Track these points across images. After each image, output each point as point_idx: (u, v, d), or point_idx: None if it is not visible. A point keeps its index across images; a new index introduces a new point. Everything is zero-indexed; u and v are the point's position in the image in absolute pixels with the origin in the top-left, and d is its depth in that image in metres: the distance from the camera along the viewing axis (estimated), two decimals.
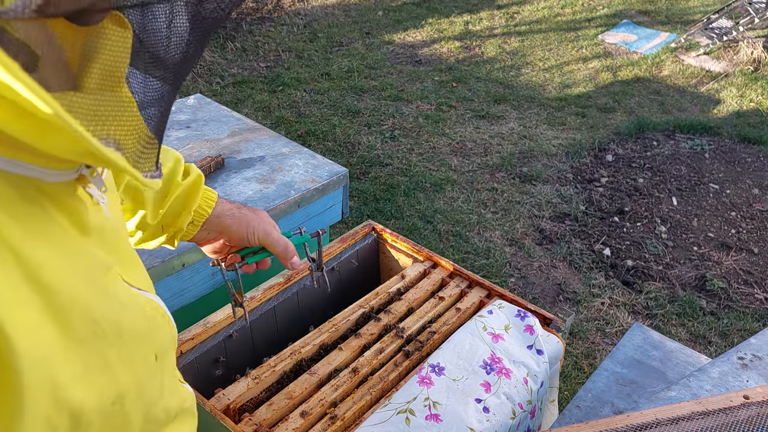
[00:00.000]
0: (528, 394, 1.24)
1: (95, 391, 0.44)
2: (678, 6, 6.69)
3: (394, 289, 1.46)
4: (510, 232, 3.35)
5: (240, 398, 1.16)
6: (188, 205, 0.92)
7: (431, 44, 5.82)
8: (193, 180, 0.92)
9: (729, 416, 1.00)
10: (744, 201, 3.60)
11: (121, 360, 0.48)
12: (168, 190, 0.90)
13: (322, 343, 1.31)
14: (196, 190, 0.93)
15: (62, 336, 0.41)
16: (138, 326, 0.53)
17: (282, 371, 1.24)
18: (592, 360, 2.60)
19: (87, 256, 0.47)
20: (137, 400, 0.51)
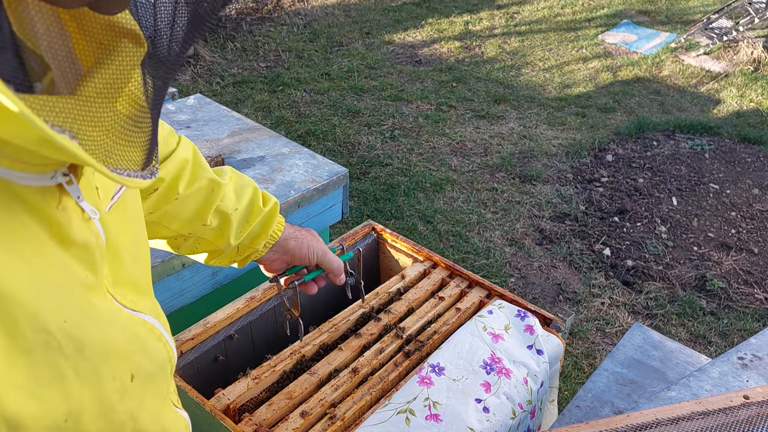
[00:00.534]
0: (528, 394, 1.24)
1: (41, 404, 0.42)
2: (678, 6, 6.69)
3: (394, 289, 1.46)
4: (510, 232, 3.35)
5: (240, 398, 1.16)
6: (266, 229, 1.03)
7: (431, 44, 5.82)
8: (272, 208, 1.03)
9: (729, 416, 1.00)
10: (744, 201, 3.60)
11: (78, 376, 0.46)
12: (250, 216, 1.00)
13: (322, 343, 1.31)
14: (273, 216, 1.03)
15: (5, 342, 0.39)
16: (114, 344, 0.50)
17: (282, 371, 1.23)
18: (592, 360, 2.60)
19: (59, 267, 0.45)
20: (99, 420, 0.49)
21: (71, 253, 0.47)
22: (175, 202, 0.93)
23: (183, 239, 0.98)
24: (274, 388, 1.24)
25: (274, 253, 1.08)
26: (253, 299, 1.37)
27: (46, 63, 0.42)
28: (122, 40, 0.46)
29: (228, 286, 1.68)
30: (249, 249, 1.03)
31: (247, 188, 1.02)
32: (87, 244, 0.48)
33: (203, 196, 0.95)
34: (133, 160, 0.48)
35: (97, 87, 0.44)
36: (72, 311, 0.45)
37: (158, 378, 0.60)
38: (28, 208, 0.43)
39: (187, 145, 0.95)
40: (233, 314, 1.34)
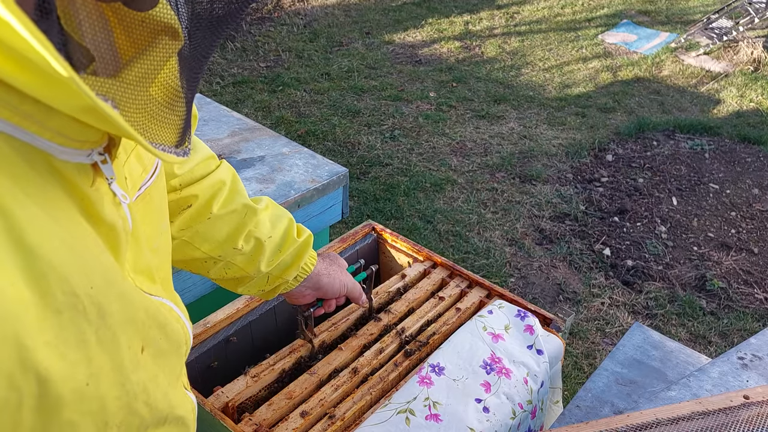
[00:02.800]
0: (528, 394, 1.24)
1: (67, 365, 0.44)
2: (678, 6, 6.69)
3: (394, 289, 1.46)
4: (510, 232, 3.35)
5: (239, 396, 1.16)
6: (297, 261, 1.04)
7: (431, 44, 5.82)
8: (305, 239, 1.04)
9: (729, 416, 1.00)
10: (744, 201, 3.60)
11: (99, 341, 0.47)
12: (284, 246, 1.01)
13: (321, 341, 1.31)
14: (306, 248, 1.04)
15: (37, 300, 0.41)
16: (133, 315, 0.52)
17: (281, 369, 1.23)
18: (592, 360, 2.60)
19: (86, 237, 0.47)
20: (115, 387, 0.50)
21: (99, 230, 0.49)
22: (208, 222, 0.94)
23: (213, 262, 0.98)
24: (273, 387, 1.24)
25: (306, 288, 1.10)
26: (253, 299, 1.37)
27: (90, 55, 0.44)
28: (160, 36, 0.48)
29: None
30: (279, 279, 1.04)
31: (283, 219, 1.03)
32: (114, 225, 0.50)
33: (237, 219, 0.96)
34: (168, 138, 0.50)
35: (135, 75, 0.46)
36: (98, 279, 0.47)
37: (172, 356, 0.61)
38: (64, 182, 0.45)
39: (227, 169, 0.97)
40: (233, 314, 1.34)
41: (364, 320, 1.39)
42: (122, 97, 0.44)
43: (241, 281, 1.03)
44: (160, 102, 0.49)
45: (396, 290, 1.46)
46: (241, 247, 0.97)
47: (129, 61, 0.47)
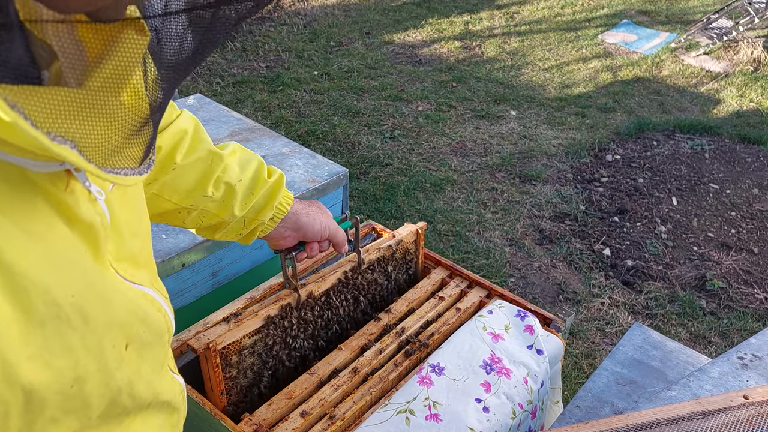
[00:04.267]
0: (528, 394, 1.24)
1: (52, 372, 0.45)
2: (678, 6, 6.69)
3: (385, 246, 1.45)
4: (510, 232, 3.35)
5: (221, 339, 1.13)
6: (271, 200, 1.03)
7: (431, 44, 5.82)
8: (277, 179, 1.04)
9: (729, 416, 1.00)
10: (744, 201, 3.60)
11: (84, 346, 0.49)
12: (255, 187, 1.00)
13: (309, 293, 1.28)
14: (279, 188, 1.03)
15: (19, 315, 0.42)
16: (115, 315, 0.53)
17: (266, 315, 1.21)
18: (592, 360, 2.60)
19: (65, 242, 0.48)
20: (100, 386, 0.52)
21: (78, 230, 0.50)
22: (173, 172, 0.94)
23: (186, 212, 0.98)
24: (258, 341, 1.22)
25: (286, 230, 1.09)
26: (252, 299, 1.37)
27: (53, 50, 0.43)
28: (126, 30, 0.48)
29: (228, 286, 1.68)
30: (255, 221, 1.04)
31: (252, 161, 1.02)
32: (92, 223, 0.51)
33: (203, 166, 0.96)
34: (132, 156, 0.50)
35: (104, 77, 0.45)
36: (78, 285, 0.48)
37: (155, 346, 0.63)
38: (39, 191, 0.46)
39: (188, 118, 0.96)
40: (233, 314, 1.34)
41: (355, 274, 1.37)
42: (86, 114, 0.44)
43: (218, 228, 1.03)
44: (129, 114, 0.49)
45: (387, 247, 1.43)
46: (211, 194, 0.97)
47: (96, 61, 0.46)
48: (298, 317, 1.26)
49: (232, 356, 1.16)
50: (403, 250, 1.47)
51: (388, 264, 1.44)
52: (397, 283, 1.50)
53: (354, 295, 1.38)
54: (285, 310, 1.23)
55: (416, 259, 1.51)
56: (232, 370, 1.17)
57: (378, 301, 1.46)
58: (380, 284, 1.43)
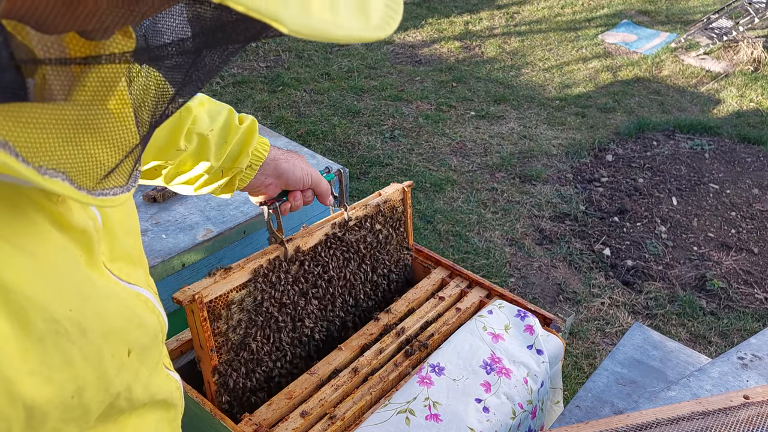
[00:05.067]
0: (528, 394, 1.24)
1: (54, 386, 0.46)
2: (678, 6, 6.69)
3: (373, 204, 1.44)
4: (510, 232, 3.35)
5: (207, 291, 1.10)
6: (246, 147, 1.01)
7: (431, 44, 5.82)
8: (249, 125, 1.02)
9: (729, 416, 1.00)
10: (744, 201, 3.60)
11: (83, 357, 0.49)
12: (228, 135, 0.99)
13: (296, 248, 1.25)
14: (252, 133, 1.02)
15: (17, 332, 0.42)
16: (112, 324, 0.54)
17: (253, 269, 1.17)
18: (592, 360, 2.60)
19: (61, 252, 0.48)
20: (99, 393, 0.53)
21: (71, 236, 0.50)
22: None
23: (162, 168, 0.98)
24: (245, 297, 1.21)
25: (266, 177, 1.08)
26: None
27: (37, 57, 0.42)
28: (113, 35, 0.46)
29: None
30: (233, 170, 1.02)
31: (222, 111, 1.01)
32: (84, 228, 0.51)
33: (171, 121, 0.95)
34: (122, 173, 0.49)
35: (91, 88, 0.44)
36: (75, 300, 0.48)
37: (152, 348, 0.63)
38: (32, 204, 0.46)
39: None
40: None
41: (343, 230, 1.34)
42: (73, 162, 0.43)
43: (193, 181, 1.02)
44: (117, 146, 0.47)
45: (375, 205, 1.41)
46: (184, 147, 0.96)
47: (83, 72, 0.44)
48: (286, 271, 1.22)
49: (221, 310, 1.12)
50: (390, 208, 1.45)
51: (376, 222, 1.41)
52: (388, 241, 1.46)
53: (344, 253, 1.35)
54: (273, 264, 1.20)
55: (405, 218, 1.49)
56: (221, 325, 1.13)
57: (368, 261, 1.43)
58: (369, 243, 1.40)
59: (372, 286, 1.46)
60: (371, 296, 1.46)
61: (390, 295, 1.52)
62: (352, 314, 1.42)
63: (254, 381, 1.23)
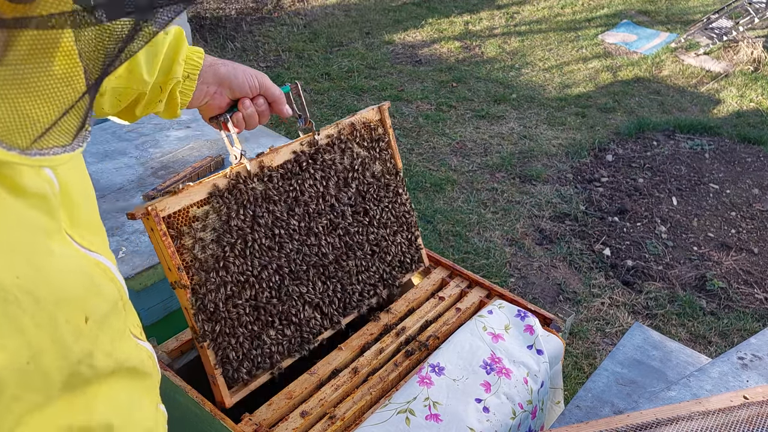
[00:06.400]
0: (528, 394, 1.24)
1: (6, 353, 0.46)
2: (678, 6, 6.69)
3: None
4: (510, 232, 3.35)
5: (162, 205, 1.06)
6: (176, 54, 0.99)
7: (431, 44, 5.82)
8: (175, 31, 1.00)
9: (729, 416, 1.00)
10: (744, 201, 3.60)
11: (36, 324, 0.49)
12: (155, 47, 0.97)
13: (260, 166, 1.21)
14: (180, 40, 1.00)
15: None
16: (67, 291, 0.53)
17: (213, 184, 1.13)
18: (592, 360, 2.60)
19: (17, 219, 0.47)
20: (58, 360, 0.52)
21: (28, 202, 0.49)
22: None
23: (99, 95, 0.95)
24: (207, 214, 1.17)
25: (209, 85, 1.05)
26: None
27: None
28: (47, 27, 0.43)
29: None
30: (169, 82, 0.99)
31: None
32: (42, 193, 0.50)
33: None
34: (65, 131, 0.47)
35: (23, 49, 0.42)
36: (24, 267, 0.48)
37: (112, 316, 0.63)
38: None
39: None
40: None
41: (313, 148, 1.28)
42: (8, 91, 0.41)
43: (137, 103, 1.00)
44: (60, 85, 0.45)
45: (349, 124, 1.36)
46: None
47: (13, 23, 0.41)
48: (252, 188, 1.18)
49: (182, 227, 1.09)
50: (368, 129, 1.39)
51: (352, 143, 1.36)
52: (370, 164, 1.40)
53: (320, 172, 1.29)
54: (236, 179, 1.15)
55: (387, 139, 1.43)
56: (186, 240, 1.09)
57: (353, 185, 1.36)
58: (349, 165, 1.34)
59: (363, 212, 1.38)
60: (363, 223, 1.39)
61: (382, 228, 1.44)
62: (343, 243, 1.34)
63: (241, 309, 1.17)
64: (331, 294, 1.33)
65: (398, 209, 1.47)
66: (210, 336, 1.13)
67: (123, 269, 1.45)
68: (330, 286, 1.33)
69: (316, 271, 1.30)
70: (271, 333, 1.23)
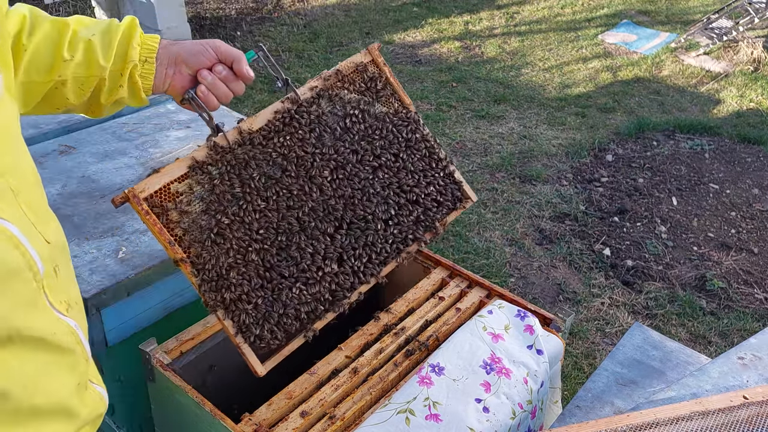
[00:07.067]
0: (528, 394, 1.24)
1: None
2: (678, 6, 6.69)
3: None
4: (510, 232, 3.35)
5: (141, 187, 1.07)
6: (130, 39, 1.03)
7: (431, 44, 5.82)
8: (128, 18, 1.04)
9: (729, 416, 1.00)
10: (744, 201, 3.60)
11: None
12: (110, 35, 1.02)
13: (239, 130, 1.18)
14: (133, 25, 1.04)
15: None
16: None
17: (191, 157, 1.13)
18: (592, 360, 2.60)
19: None
20: None
21: None
22: (28, 54, 0.97)
23: (61, 84, 1.00)
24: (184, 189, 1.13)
25: (167, 67, 1.07)
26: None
27: None
28: None
29: None
30: (128, 66, 1.03)
31: (101, 20, 1.05)
32: None
33: (51, 37, 0.99)
34: None
35: None
36: None
37: (11, 281, 0.63)
38: None
39: (21, 5, 1.00)
40: None
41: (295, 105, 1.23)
42: None
43: (99, 91, 1.03)
44: None
45: (334, 72, 1.30)
46: (71, 57, 0.99)
47: None
48: (235, 156, 1.15)
49: (166, 203, 1.09)
50: (359, 72, 1.32)
51: (342, 90, 1.29)
52: (370, 106, 1.32)
53: (311, 128, 1.24)
54: (213, 148, 1.14)
55: (384, 76, 1.35)
56: (173, 215, 1.09)
57: (351, 131, 1.28)
58: (339, 115, 1.28)
59: (372, 157, 1.30)
60: (375, 167, 1.30)
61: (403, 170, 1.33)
62: (357, 192, 1.27)
63: (251, 273, 1.15)
64: (356, 245, 1.25)
65: (418, 147, 1.36)
66: (221, 305, 1.11)
67: (123, 269, 1.45)
68: (351, 238, 1.24)
69: (330, 225, 1.23)
70: (293, 293, 1.17)
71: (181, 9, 5.33)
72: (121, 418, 1.54)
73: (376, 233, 1.27)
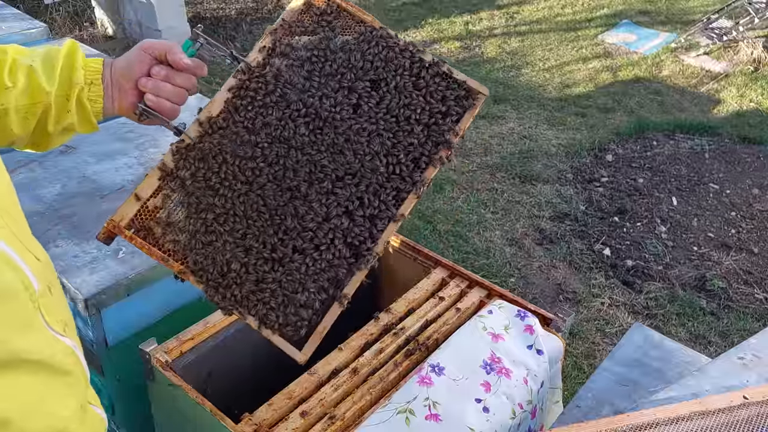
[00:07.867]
0: (528, 394, 1.24)
1: None
2: (678, 6, 6.69)
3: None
4: (510, 232, 3.35)
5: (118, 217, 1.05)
6: (73, 61, 1.00)
7: (431, 44, 5.82)
8: (68, 42, 1.02)
9: (729, 416, 1.00)
10: (744, 201, 3.60)
11: None
12: (52, 59, 0.99)
13: (200, 122, 1.14)
14: (74, 49, 1.01)
15: None
16: None
17: (159, 167, 1.09)
18: (592, 360, 2.60)
19: None
20: None
21: None
22: None
23: (4, 114, 0.96)
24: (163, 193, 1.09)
25: (112, 88, 1.03)
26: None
27: None
28: None
29: None
30: (74, 88, 0.99)
31: (40, 47, 1.02)
32: None
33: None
34: None
35: None
36: None
37: (8, 303, 0.62)
38: None
39: None
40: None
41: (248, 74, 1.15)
42: None
43: (45, 118, 0.99)
44: None
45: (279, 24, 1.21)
46: (12, 84, 0.95)
47: None
48: (201, 149, 1.10)
49: (149, 222, 1.06)
50: (306, 11, 1.21)
51: (292, 39, 1.19)
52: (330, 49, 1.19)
53: (272, 91, 1.14)
54: (179, 153, 1.09)
55: (336, 4, 1.22)
56: (157, 230, 1.06)
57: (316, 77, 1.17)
58: (298, 65, 1.17)
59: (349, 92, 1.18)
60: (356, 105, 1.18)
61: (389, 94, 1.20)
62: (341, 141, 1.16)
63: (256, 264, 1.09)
64: (359, 192, 1.14)
65: (399, 62, 1.21)
66: (236, 304, 1.07)
67: (123, 270, 1.45)
68: (352, 187, 1.14)
69: (326, 182, 1.13)
70: (307, 265, 1.09)
71: (181, 9, 5.34)
72: (121, 418, 1.54)
73: (376, 172, 1.16)
